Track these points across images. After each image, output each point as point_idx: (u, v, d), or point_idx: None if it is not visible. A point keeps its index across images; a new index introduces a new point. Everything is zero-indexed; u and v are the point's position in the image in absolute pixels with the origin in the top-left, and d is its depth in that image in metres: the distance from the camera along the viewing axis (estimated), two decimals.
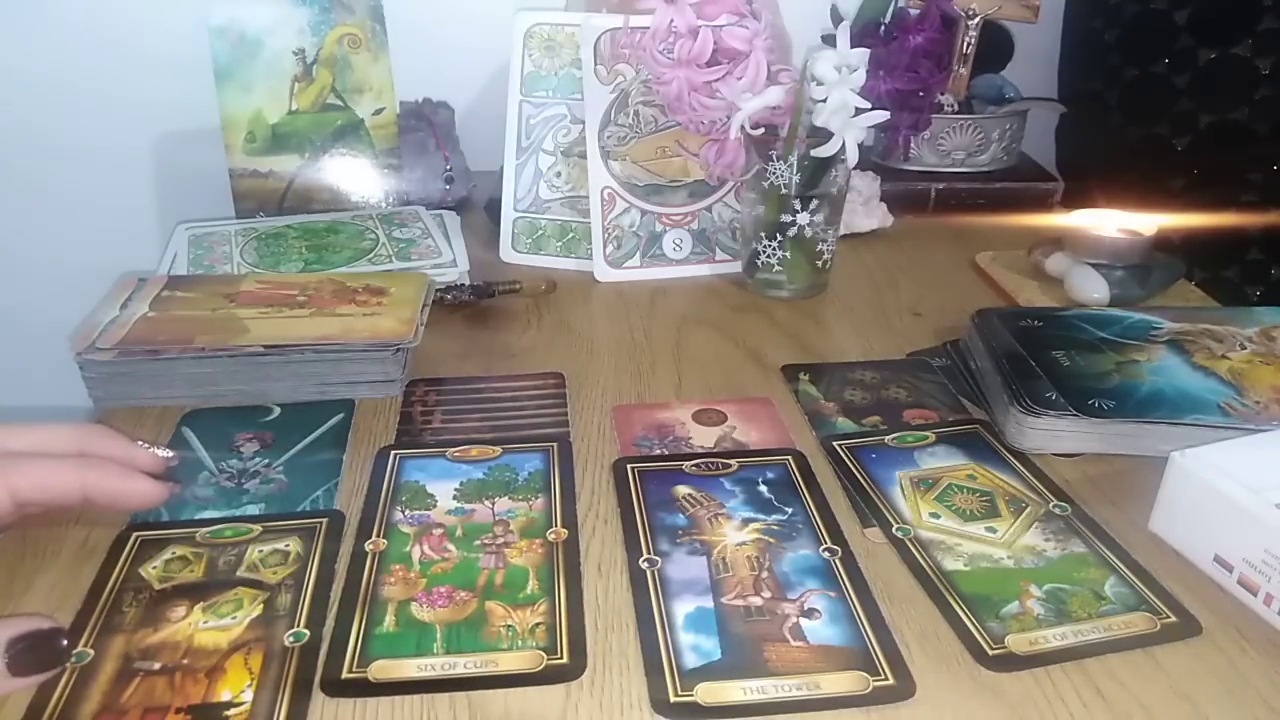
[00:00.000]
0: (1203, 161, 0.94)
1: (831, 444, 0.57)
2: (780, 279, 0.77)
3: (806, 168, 0.72)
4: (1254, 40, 0.90)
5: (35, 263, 1.03)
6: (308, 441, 0.57)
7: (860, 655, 0.41)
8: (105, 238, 0.99)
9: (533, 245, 0.84)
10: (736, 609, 0.44)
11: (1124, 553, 0.47)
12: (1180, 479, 0.48)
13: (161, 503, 0.46)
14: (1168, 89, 0.94)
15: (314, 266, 0.75)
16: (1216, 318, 0.65)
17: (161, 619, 0.43)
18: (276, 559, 0.47)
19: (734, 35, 0.75)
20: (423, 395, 0.62)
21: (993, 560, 0.47)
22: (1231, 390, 0.56)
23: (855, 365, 0.66)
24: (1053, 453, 0.56)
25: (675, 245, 0.82)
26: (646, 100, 0.80)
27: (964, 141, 0.96)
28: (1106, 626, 0.43)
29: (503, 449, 0.56)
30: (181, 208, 0.90)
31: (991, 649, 0.41)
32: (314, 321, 0.63)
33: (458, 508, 0.51)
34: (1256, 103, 0.91)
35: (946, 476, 0.54)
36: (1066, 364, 0.59)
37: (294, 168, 0.89)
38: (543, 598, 0.44)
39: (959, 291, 0.79)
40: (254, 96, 0.87)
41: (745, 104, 0.73)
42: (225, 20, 0.85)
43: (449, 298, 0.74)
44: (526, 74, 0.81)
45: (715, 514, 0.50)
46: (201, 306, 0.65)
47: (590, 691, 0.40)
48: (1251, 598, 0.44)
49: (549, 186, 0.83)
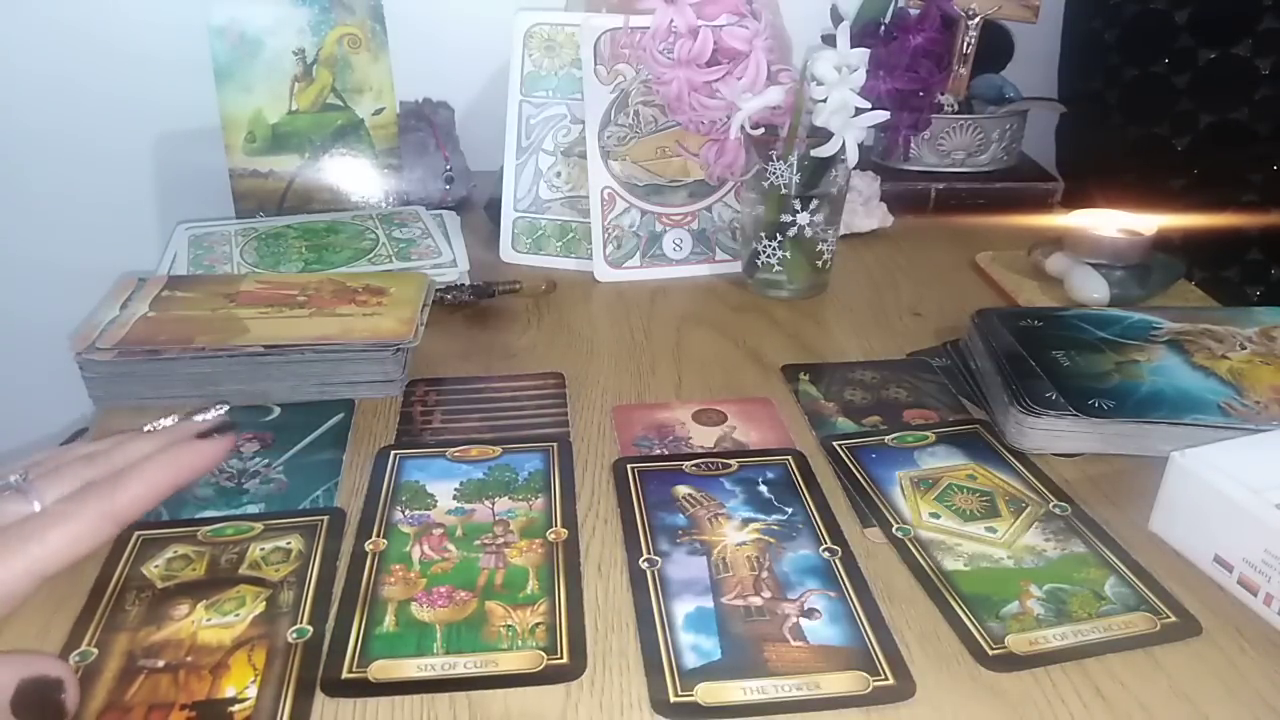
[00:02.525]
0: (1203, 161, 0.94)
1: (831, 444, 0.57)
2: (780, 279, 0.77)
3: (806, 168, 0.72)
4: (1254, 40, 0.90)
5: (35, 263, 1.03)
6: (308, 441, 0.57)
7: (860, 655, 0.41)
8: (105, 238, 0.99)
9: (533, 245, 0.84)
10: (736, 609, 0.44)
11: (1124, 553, 0.47)
12: (1180, 479, 0.48)
13: (226, 454, 0.45)
14: (1168, 89, 0.94)
15: (314, 266, 0.75)
16: (1216, 318, 0.65)
17: (164, 617, 0.43)
18: (278, 556, 0.47)
19: (734, 35, 0.75)
20: (423, 395, 0.62)
21: (993, 560, 0.47)
22: (1231, 390, 0.56)
23: (855, 365, 0.66)
24: (1053, 453, 0.56)
25: (675, 245, 0.82)
26: (646, 100, 0.80)
27: (964, 141, 0.96)
28: (1106, 626, 0.43)
29: (503, 449, 0.56)
30: (181, 208, 0.90)
31: (991, 649, 0.41)
32: (314, 321, 0.63)
33: (458, 508, 0.51)
34: (1256, 103, 0.91)
35: (946, 476, 0.54)
36: (1066, 364, 0.59)
37: (294, 168, 0.89)
38: (543, 598, 0.44)
39: (959, 291, 0.79)
40: (254, 96, 0.87)
41: (745, 104, 0.73)
42: (225, 20, 0.85)
43: (449, 298, 0.74)
44: (526, 74, 0.81)
45: (715, 514, 0.50)
46: (201, 306, 0.65)
47: (590, 691, 0.40)
48: (1251, 598, 0.44)
49: (549, 186, 0.83)
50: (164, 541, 0.48)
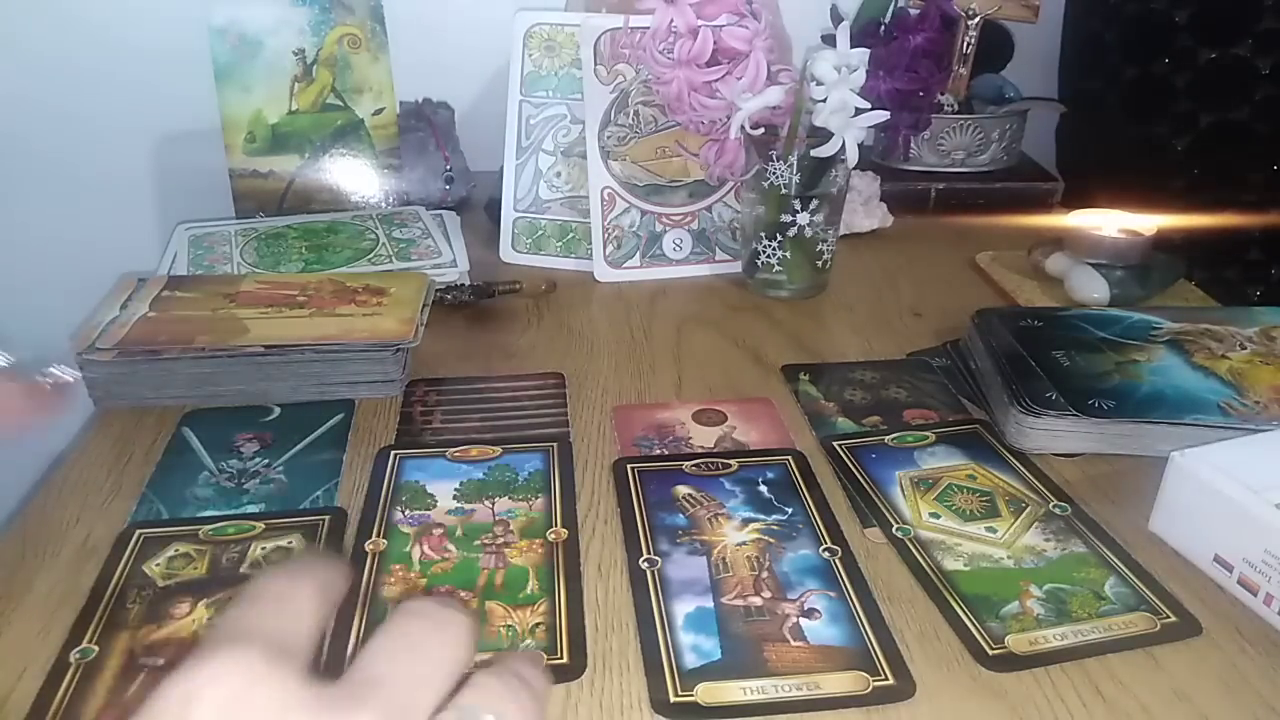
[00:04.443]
0: (1203, 161, 0.94)
1: (831, 444, 0.57)
2: (780, 279, 0.77)
3: (806, 168, 0.72)
4: (1254, 40, 0.90)
5: (35, 263, 1.03)
6: (307, 441, 0.57)
7: (860, 655, 0.41)
8: (105, 238, 0.99)
9: (533, 245, 0.84)
10: (736, 609, 0.44)
11: (1124, 553, 0.47)
12: (1180, 479, 0.48)
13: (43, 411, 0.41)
14: (1168, 89, 0.94)
15: (314, 266, 0.75)
16: (1216, 318, 0.65)
17: (165, 615, 0.43)
18: (279, 556, 0.47)
19: (734, 35, 0.75)
20: (423, 395, 0.62)
21: (993, 560, 0.47)
22: (1231, 390, 0.56)
23: (855, 365, 0.66)
24: (1053, 453, 0.56)
25: (675, 245, 0.82)
26: (646, 100, 0.80)
27: (964, 141, 0.96)
28: (1106, 626, 0.43)
29: (503, 449, 0.56)
30: (181, 208, 0.90)
31: (991, 649, 0.41)
32: (314, 322, 0.63)
33: (458, 508, 0.51)
34: (1256, 103, 0.91)
35: (946, 476, 0.54)
36: (1066, 364, 0.59)
37: (294, 168, 0.89)
38: (543, 598, 0.44)
39: (959, 291, 0.79)
40: (254, 96, 0.87)
41: (745, 104, 0.73)
42: (225, 20, 0.85)
43: (449, 298, 0.74)
44: (526, 74, 0.81)
45: (715, 514, 0.50)
46: (201, 307, 0.65)
47: (590, 691, 0.40)
48: (1251, 598, 0.44)
49: (549, 186, 0.83)
50: (165, 540, 0.48)
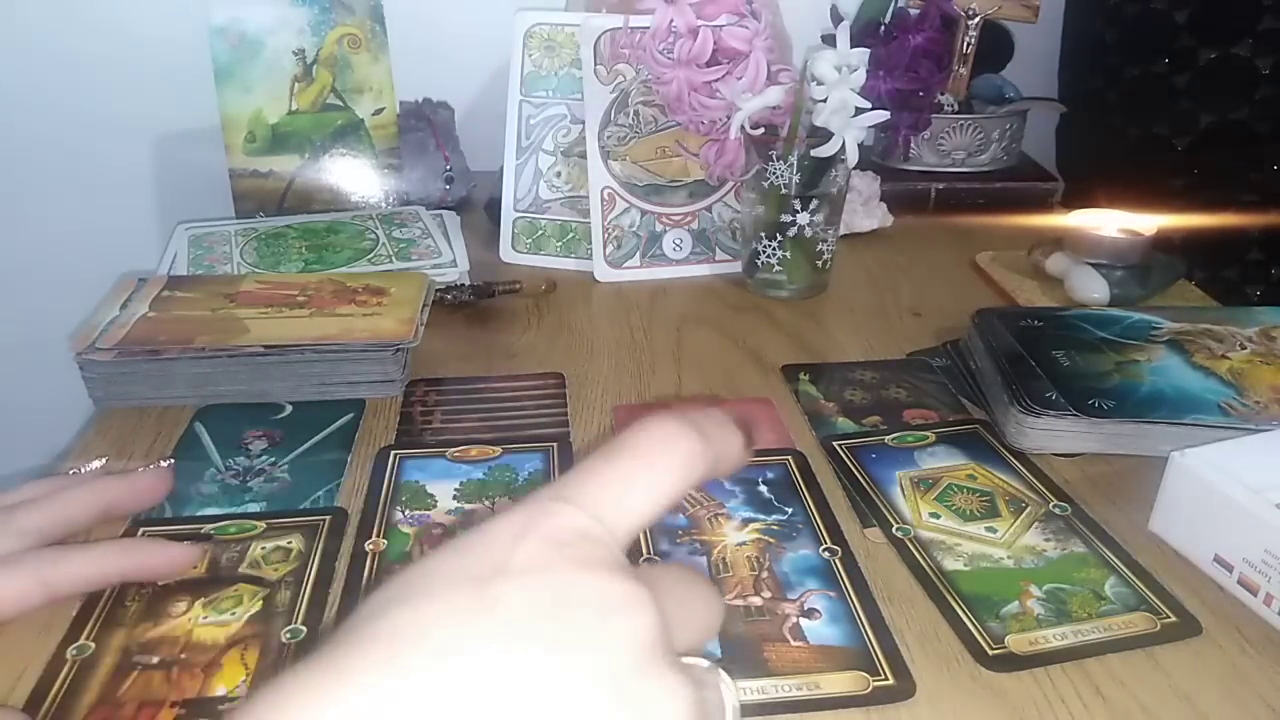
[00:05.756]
0: (1203, 161, 0.94)
1: (831, 444, 0.57)
2: (780, 279, 0.77)
3: (806, 168, 0.72)
4: (1254, 40, 0.90)
5: (35, 263, 1.03)
6: (315, 440, 0.57)
7: (860, 655, 0.41)
8: (105, 238, 0.99)
9: (533, 245, 0.84)
10: (736, 609, 0.44)
11: (1124, 553, 0.47)
12: (1180, 479, 0.48)
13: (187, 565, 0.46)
14: (1168, 89, 0.94)
15: (314, 266, 0.75)
16: (1216, 318, 0.65)
17: (162, 614, 0.43)
18: (278, 555, 0.47)
19: (734, 35, 0.75)
20: (423, 395, 0.62)
21: (993, 560, 0.47)
22: (1231, 390, 0.56)
23: (855, 365, 0.66)
24: (1053, 453, 0.56)
25: (675, 245, 0.82)
26: (646, 100, 0.80)
27: (964, 141, 0.96)
28: (1106, 626, 0.43)
29: (503, 449, 0.56)
30: (181, 208, 0.90)
31: (991, 649, 0.41)
32: (314, 322, 0.63)
33: (458, 508, 0.51)
34: (1256, 103, 0.91)
35: (946, 476, 0.54)
36: (1066, 364, 0.59)
37: (294, 168, 0.89)
38: None
39: (959, 291, 0.79)
40: (254, 97, 0.87)
41: (745, 104, 0.73)
42: (225, 20, 0.85)
43: (449, 298, 0.74)
44: (526, 74, 0.81)
45: (715, 514, 0.50)
46: (201, 306, 0.65)
47: None
48: (1251, 598, 0.44)
49: (549, 186, 0.83)
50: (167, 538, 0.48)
